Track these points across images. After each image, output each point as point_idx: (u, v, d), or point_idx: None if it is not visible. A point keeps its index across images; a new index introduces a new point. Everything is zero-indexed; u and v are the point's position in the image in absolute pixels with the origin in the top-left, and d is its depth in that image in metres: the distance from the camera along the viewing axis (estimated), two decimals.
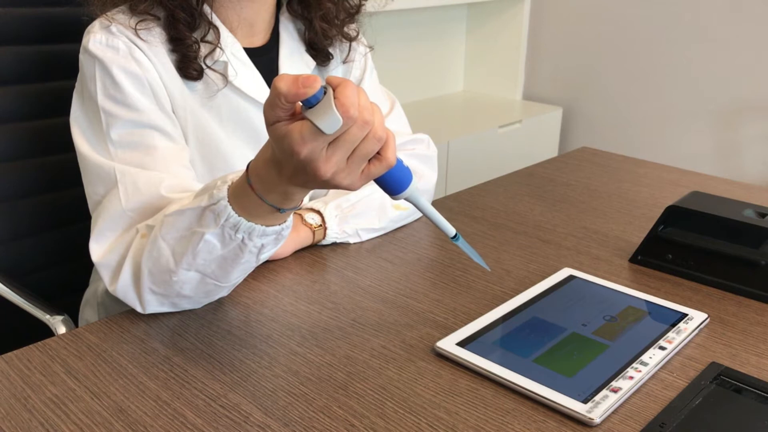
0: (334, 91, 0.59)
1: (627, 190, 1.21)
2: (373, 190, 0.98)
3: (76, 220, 1.11)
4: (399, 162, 0.66)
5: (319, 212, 0.95)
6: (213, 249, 0.73)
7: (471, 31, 2.95)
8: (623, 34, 2.58)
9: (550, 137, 2.76)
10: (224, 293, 0.82)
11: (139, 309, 0.79)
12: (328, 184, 0.63)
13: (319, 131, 0.59)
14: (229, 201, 0.70)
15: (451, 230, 0.74)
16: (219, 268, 0.75)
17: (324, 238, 0.96)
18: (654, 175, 1.28)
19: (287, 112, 0.60)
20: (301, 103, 0.60)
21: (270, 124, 0.62)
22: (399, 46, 2.66)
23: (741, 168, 2.43)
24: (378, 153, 0.64)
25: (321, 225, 0.95)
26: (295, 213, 0.95)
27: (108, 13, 0.89)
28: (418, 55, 2.77)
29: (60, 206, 1.11)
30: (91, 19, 0.90)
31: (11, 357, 0.72)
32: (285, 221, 0.73)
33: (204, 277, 0.76)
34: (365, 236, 0.99)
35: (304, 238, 0.94)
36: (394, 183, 0.67)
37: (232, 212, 0.70)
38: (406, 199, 0.69)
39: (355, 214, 0.97)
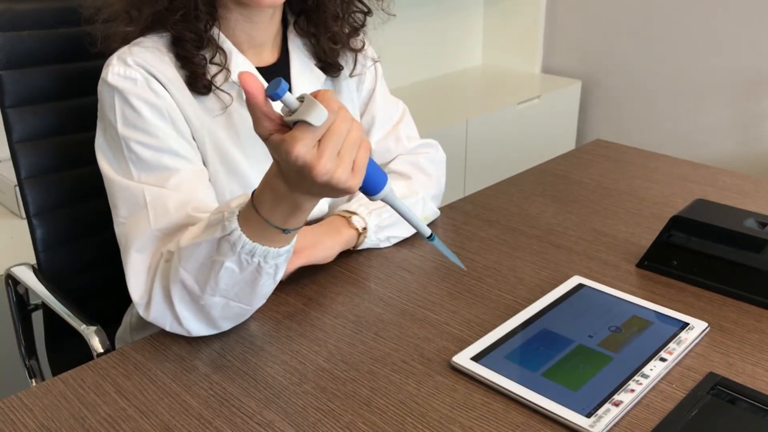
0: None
1: (638, 187, 1.25)
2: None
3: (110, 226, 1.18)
4: (372, 161, 0.70)
5: (363, 218, 1.01)
6: (233, 274, 0.78)
7: (489, 3, 2.95)
8: (642, 3, 2.57)
9: (569, 112, 2.78)
10: (252, 312, 0.87)
11: (181, 330, 0.84)
12: (327, 186, 0.67)
13: (308, 126, 0.63)
14: (241, 230, 0.75)
15: (427, 231, 0.78)
16: (241, 291, 0.81)
17: (362, 243, 1.02)
18: (664, 169, 1.32)
19: (272, 121, 0.65)
20: (284, 118, 0.65)
21: (265, 138, 0.67)
22: (417, 21, 2.67)
23: (761, 139, 2.43)
24: None
25: (365, 230, 1.01)
26: (340, 215, 1.01)
27: (125, 48, 0.94)
28: (435, 30, 2.79)
29: (99, 213, 1.17)
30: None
31: (67, 377, 0.79)
32: (290, 243, 0.78)
33: (228, 301, 0.81)
34: (393, 242, 1.07)
35: (349, 240, 1.01)
36: (371, 183, 0.71)
37: (247, 240, 0.75)
38: (383, 200, 0.73)
39: (389, 225, 1.05)
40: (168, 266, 0.83)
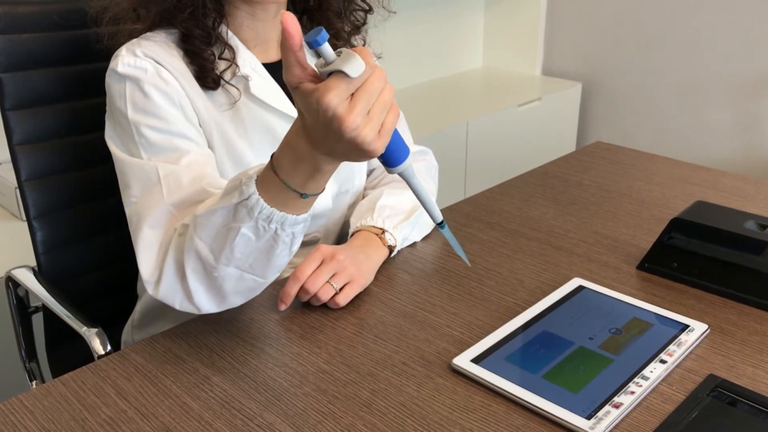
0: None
1: (638, 189, 1.25)
2: (420, 212, 1.06)
3: (115, 228, 1.18)
4: (396, 132, 0.69)
5: (393, 235, 1.02)
6: (249, 242, 0.77)
7: (490, 5, 2.95)
8: (643, 5, 2.57)
9: (570, 114, 2.78)
10: (265, 286, 0.85)
11: (191, 308, 0.83)
12: (352, 144, 0.65)
13: (344, 77, 0.62)
14: (259, 194, 0.74)
15: (439, 216, 0.78)
16: (256, 261, 0.79)
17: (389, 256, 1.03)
18: (665, 171, 1.32)
19: (303, 69, 0.64)
20: (318, 70, 0.64)
21: (294, 87, 0.65)
22: (417, 23, 2.68)
23: (761, 141, 2.43)
24: None
25: (394, 246, 1.02)
26: (371, 233, 1.01)
27: (134, 40, 0.95)
28: (436, 32, 2.79)
29: (99, 215, 1.18)
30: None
31: (67, 379, 0.79)
32: (307, 211, 0.77)
33: (242, 273, 0.80)
34: (407, 243, 1.08)
35: (383, 258, 1.01)
36: (394, 153, 0.70)
37: (265, 204, 0.74)
38: (400, 174, 0.72)
39: (409, 233, 1.06)
40: (182, 240, 0.82)
